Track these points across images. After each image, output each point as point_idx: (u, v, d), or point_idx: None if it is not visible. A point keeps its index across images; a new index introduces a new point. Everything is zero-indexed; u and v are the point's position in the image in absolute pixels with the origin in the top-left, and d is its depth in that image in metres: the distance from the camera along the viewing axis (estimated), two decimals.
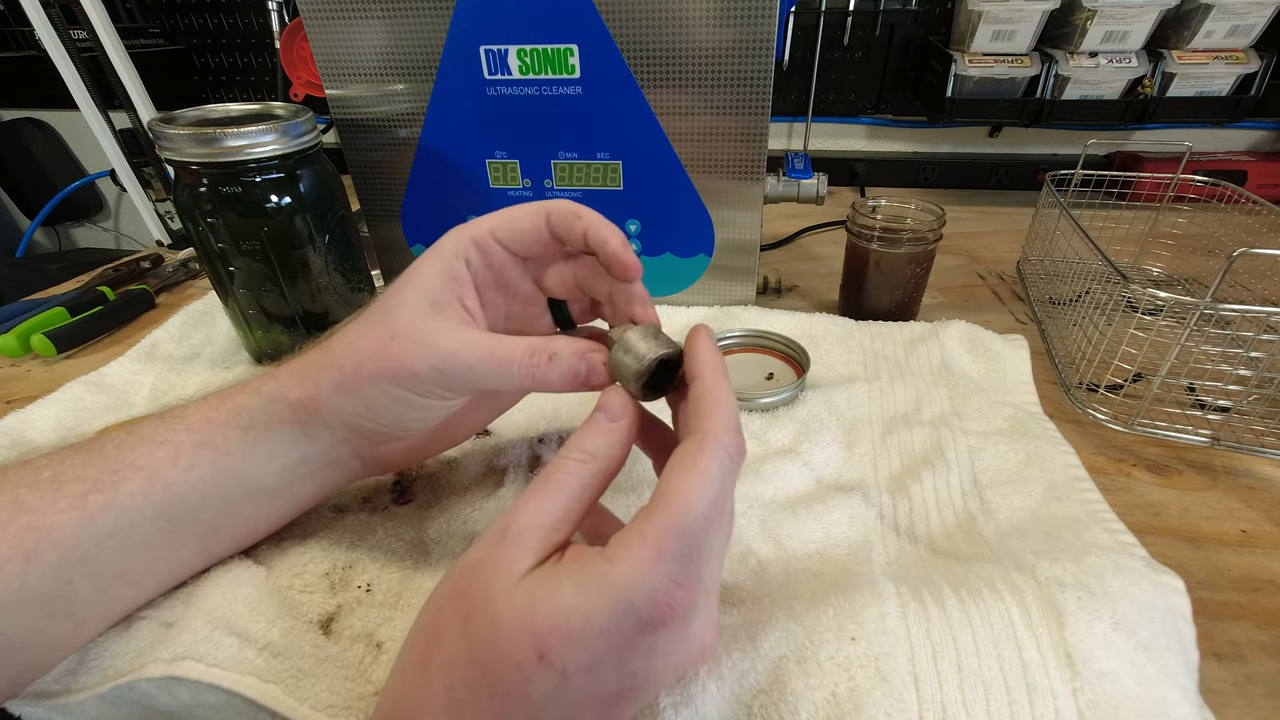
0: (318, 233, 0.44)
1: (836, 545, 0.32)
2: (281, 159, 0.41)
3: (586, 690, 0.18)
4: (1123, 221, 0.59)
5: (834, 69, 0.87)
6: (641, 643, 0.18)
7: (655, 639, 0.18)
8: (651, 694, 0.21)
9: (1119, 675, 0.23)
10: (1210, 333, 0.45)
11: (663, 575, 0.18)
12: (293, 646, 0.25)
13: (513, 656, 0.18)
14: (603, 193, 0.51)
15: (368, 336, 0.26)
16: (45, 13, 0.60)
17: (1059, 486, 0.34)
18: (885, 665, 0.23)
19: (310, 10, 0.46)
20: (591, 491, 0.21)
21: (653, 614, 0.18)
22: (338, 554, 0.31)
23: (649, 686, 0.20)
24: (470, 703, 0.18)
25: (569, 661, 0.18)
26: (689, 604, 0.19)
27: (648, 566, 0.18)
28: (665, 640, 0.19)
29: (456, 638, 0.19)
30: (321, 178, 0.44)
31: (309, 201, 0.43)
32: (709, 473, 0.19)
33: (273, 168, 0.41)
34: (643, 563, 0.18)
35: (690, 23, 0.43)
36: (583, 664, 0.18)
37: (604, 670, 0.18)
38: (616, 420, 0.23)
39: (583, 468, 0.21)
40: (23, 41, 0.99)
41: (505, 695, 0.18)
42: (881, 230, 0.49)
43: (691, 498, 0.19)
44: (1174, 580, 0.27)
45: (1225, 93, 0.73)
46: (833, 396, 0.42)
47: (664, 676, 0.20)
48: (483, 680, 0.18)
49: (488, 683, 0.18)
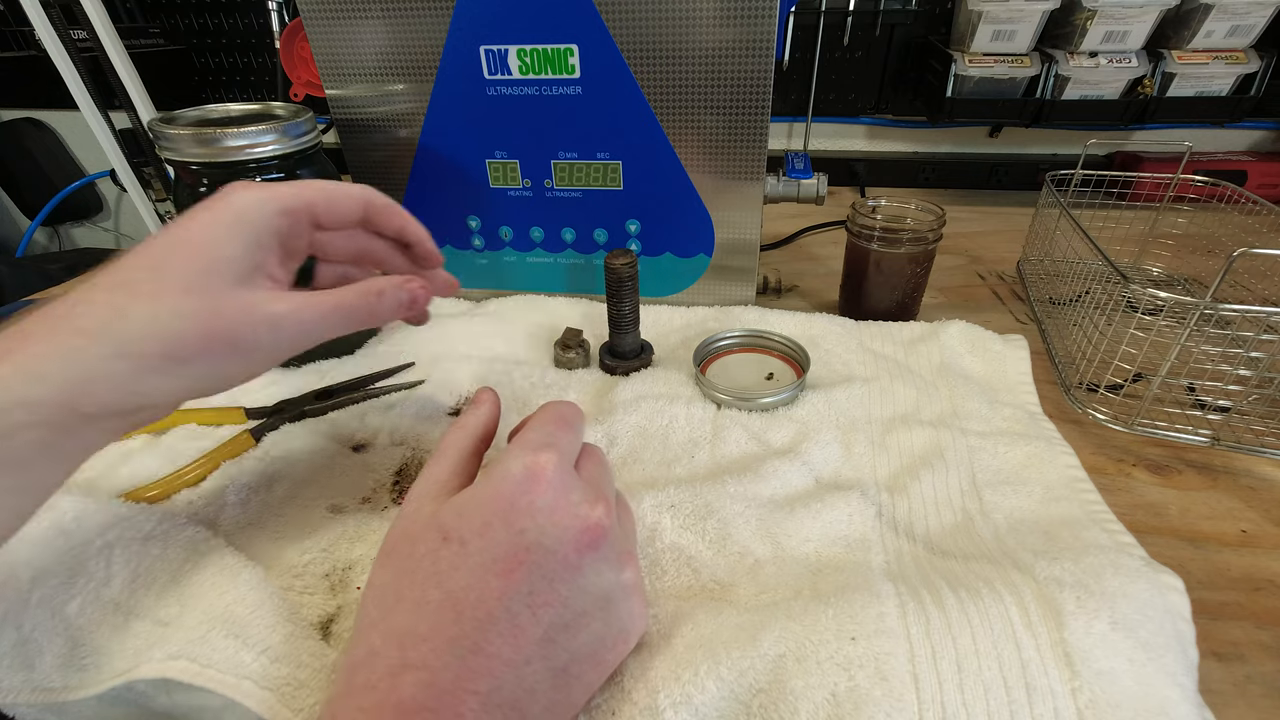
0: None
1: (834, 544, 0.32)
2: (282, 159, 0.41)
3: (484, 553, 0.21)
4: (1123, 221, 0.59)
5: (834, 69, 0.87)
6: (522, 501, 0.22)
7: (533, 498, 0.22)
8: (550, 562, 0.21)
9: (1118, 674, 0.23)
10: (1210, 333, 0.45)
11: (529, 448, 0.23)
12: (291, 653, 0.25)
13: (427, 548, 0.21)
14: (603, 193, 0.51)
15: (179, 314, 0.22)
16: (45, 13, 0.60)
17: (1058, 487, 0.34)
18: (885, 665, 0.23)
19: (310, 10, 0.47)
20: (467, 452, 0.27)
21: (524, 476, 0.22)
22: (337, 555, 0.31)
23: (542, 549, 0.21)
24: (409, 599, 0.21)
25: (465, 530, 0.21)
26: (556, 471, 0.23)
27: (515, 452, 0.23)
28: (543, 499, 0.22)
29: (385, 564, 0.23)
30: (322, 178, 0.44)
31: None
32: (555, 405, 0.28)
33: (273, 168, 0.41)
34: (512, 450, 0.24)
35: (690, 23, 0.43)
36: (475, 529, 0.21)
37: (494, 531, 0.21)
38: (480, 405, 0.29)
39: (458, 435, 0.27)
40: (23, 41, 0.99)
41: (425, 577, 0.21)
42: (881, 230, 0.49)
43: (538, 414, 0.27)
44: (1173, 579, 0.27)
45: (1225, 93, 0.73)
46: (833, 396, 0.42)
47: (559, 542, 0.21)
48: (408, 578, 0.21)
49: (410, 575, 0.21)
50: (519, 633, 0.20)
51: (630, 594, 0.23)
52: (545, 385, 0.44)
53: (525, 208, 0.53)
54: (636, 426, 0.39)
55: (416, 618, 0.20)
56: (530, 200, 0.53)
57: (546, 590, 0.20)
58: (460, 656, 0.19)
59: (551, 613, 0.20)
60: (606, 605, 0.22)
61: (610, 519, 0.23)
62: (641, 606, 0.24)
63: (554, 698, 0.20)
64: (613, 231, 0.53)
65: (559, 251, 0.55)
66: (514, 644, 0.19)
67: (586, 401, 0.43)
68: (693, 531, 0.32)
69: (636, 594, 0.24)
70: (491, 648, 0.19)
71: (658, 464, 0.37)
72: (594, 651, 0.22)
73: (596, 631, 0.22)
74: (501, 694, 0.19)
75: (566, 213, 0.53)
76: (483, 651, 0.19)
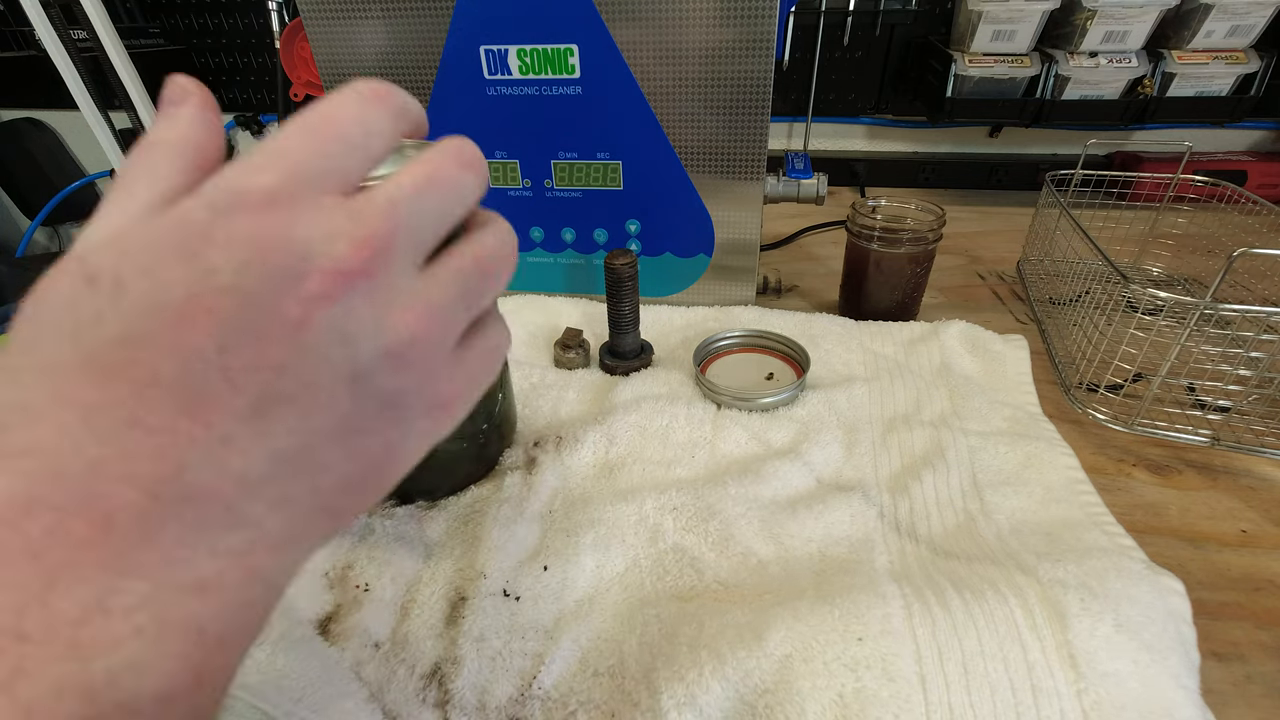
0: None
1: (837, 544, 0.32)
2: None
3: (148, 297, 0.14)
4: (1123, 221, 0.59)
5: (834, 69, 0.87)
6: (219, 231, 0.14)
7: (235, 226, 0.14)
8: (253, 314, 0.14)
9: (1123, 676, 0.23)
10: (1210, 333, 0.45)
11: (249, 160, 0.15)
12: (290, 646, 0.25)
13: (63, 296, 0.14)
14: (603, 193, 0.51)
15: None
16: (45, 13, 0.60)
17: (1058, 488, 0.34)
18: (892, 666, 0.23)
19: (310, 10, 0.46)
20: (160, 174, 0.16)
21: (228, 196, 0.14)
22: (337, 554, 0.31)
23: (240, 295, 0.14)
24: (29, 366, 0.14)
25: (124, 269, 0.14)
26: (282, 186, 0.15)
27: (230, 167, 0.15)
28: (250, 227, 0.14)
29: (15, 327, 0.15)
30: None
31: None
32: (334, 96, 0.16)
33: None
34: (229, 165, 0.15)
35: (690, 23, 0.43)
36: (139, 267, 0.14)
37: (167, 268, 0.14)
38: (180, 105, 0.18)
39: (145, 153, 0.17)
40: (23, 41, 0.99)
41: (55, 334, 0.14)
42: (881, 230, 0.49)
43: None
44: (1174, 583, 0.27)
45: (1225, 93, 0.73)
46: (833, 396, 0.42)
47: (269, 286, 0.14)
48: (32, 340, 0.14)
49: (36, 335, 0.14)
50: (206, 402, 0.14)
51: (402, 362, 0.16)
52: (545, 385, 0.44)
53: (525, 208, 0.53)
54: (636, 426, 0.39)
55: (35, 389, 0.13)
56: (530, 200, 0.53)
57: (249, 350, 0.14)
58: (104, 433, 0.13)
59: (260, 379, 0.14)
60: (360, 380, 0.15)
61: (380, 262, 0.15)
62: (447, 372, 0.17)
63: (289, 490, 0.15)
64: (613, 231, 0.53)
65: (559, 251, 0.55)
66: (199, 417, 0.14)
67: (586, 401, 0.43)
68: (695, 533, 0.32)
69: (419, 357, 0.16)
70: (158, 419, 0.13)
71: (658, 464, 0.37)
72: (349, 439, 0.16)
73: (345, 412, 0.15)
74: (186, 482, 0.13)
75: (566, 213, 0.53)
76: (143, 425, 0.13)
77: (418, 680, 0.26)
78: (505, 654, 0.27)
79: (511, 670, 0.26)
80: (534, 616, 0.28)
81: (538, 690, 0.26)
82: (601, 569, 0.31)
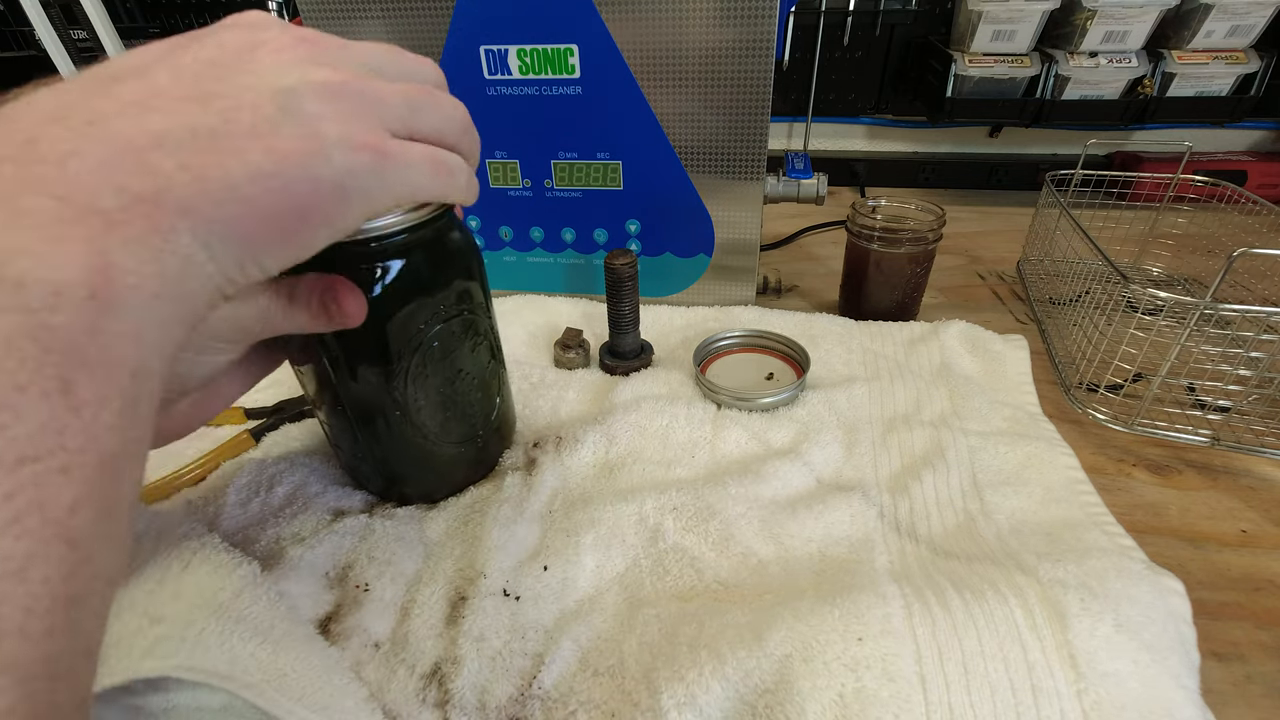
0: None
1: (837, 544, 0.32)
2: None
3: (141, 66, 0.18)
4: (1123, 221, 0.59)
5: (834, 69, 0.87)
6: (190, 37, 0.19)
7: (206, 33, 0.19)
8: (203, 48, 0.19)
9: (1123, 677, 0.23)
10: (1210, 333, 0.45)
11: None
12: (289, 646, 0.25)
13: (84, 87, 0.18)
14: (603, 193, 0.51)
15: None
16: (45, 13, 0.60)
17: (1058, 488, 0.34)
18: (892, 666, 0.23)
19: (310, 10, 0.46)
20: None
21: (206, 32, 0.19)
22: (338, 554, 0.31)
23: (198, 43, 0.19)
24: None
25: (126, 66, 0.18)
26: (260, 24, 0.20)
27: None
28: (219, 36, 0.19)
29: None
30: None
31: None
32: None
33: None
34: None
35: (690, 23, 0.43)
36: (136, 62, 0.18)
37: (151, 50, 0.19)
38: None
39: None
40: (23, 41, 0.99)
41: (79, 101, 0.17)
42: (881, 230, 0.49)
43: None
44: (1174, 583, 0.27)
45: (1225, 93, 0.73)
46: (833, 396, 0.42)
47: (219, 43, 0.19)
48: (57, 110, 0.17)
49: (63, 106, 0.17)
50: (154, 86, 0.17)
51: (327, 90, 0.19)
52: (545, 385, 0.44)
53: (525, 208, 0.53)
54: (636, 426, 0.39)
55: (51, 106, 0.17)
56: (530, 200, 0.53)
57: (202, 65, 0.18)
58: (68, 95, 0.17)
59: (201, 83, 0.18)
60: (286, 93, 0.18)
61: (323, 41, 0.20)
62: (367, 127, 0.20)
63: (195, 159, 0.17)
64: (613, 231, 0.53)
65: (559, 251, 0.55)
66: (141, 92, 0.17)
67: (586, 401, 0.43)
68: (695, 533, 0.32)
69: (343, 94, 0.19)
70: (113, 91, 0.17)
71: (658, 464, 0.37)
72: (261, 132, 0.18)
73: (266, 114, 0.18)
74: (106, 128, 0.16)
75: (566, 213, 0.53)
76: (99, 94, 0.17)
77: (418, 680, 0.26)
78: (505, 654, 0.27)
79: (511, 670, 0.26)
80: (534, 616, 0.28)
81: (538, 690, 0.26)
82: (602, 569, 0.31)
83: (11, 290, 0.13)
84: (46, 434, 0.13)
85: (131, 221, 0.15)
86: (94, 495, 0.14)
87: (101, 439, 0.15)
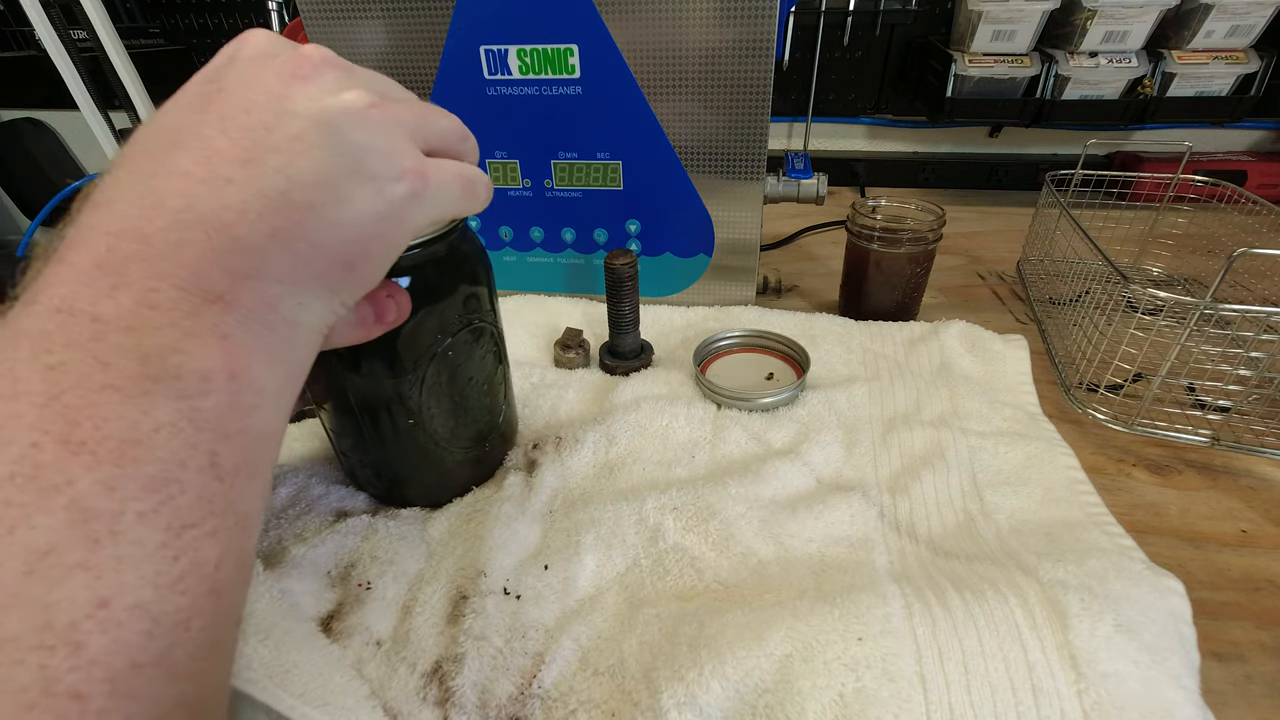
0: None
1: (837, 544, 0.32)
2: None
3: (179, 100, 0.20)
4: (1123, 221, 0.59)
5: (834, 69, 0.87)
6: (221, 62, 0.20)
7: (230, 54, 0.20)
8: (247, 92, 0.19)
9: (1123, 677, 0.23)
10: (1210, 333, 0.45)
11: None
12: (291, 643, 0.25)
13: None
14: (603, 193, 0.51)
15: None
16: (45, 13, 0.60)
17: (1058, 488, 0.35)
18: (892, 666, 0.23)
19: (310, 10, 0.46)
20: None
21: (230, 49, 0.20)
22: (340, 553, 0.31)
23: (239, 83, 0.20)
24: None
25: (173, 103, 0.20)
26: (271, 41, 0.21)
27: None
28: (248, 51, 0.20)
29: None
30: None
31: None
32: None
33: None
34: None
35: (690, 23, 0.43)
36: (176, 99, 0.20)
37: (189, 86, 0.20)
38: None
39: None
40: (23, 41, 0.99)
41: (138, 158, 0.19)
42: (881, 230, 0.49)
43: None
44: (1174, 583, 0.27)
45: (1225, 93, 0.73)
46: (833, 396, 0.42)
47: (257, 77, 0.20)
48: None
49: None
50: (211, 152, 0.18)
51: (364, 120, 0.20)
52: (545, 385, 0.44)
53: (525, 208, 0.53)
54: (636, 426, 0.39)
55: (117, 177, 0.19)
56: (530, 200, 0.53)
57: (243, 116, 0.19)
58: (143, 178, 0.18)
59: (252, 136, 0.18)
60: (328, 129, 0.19)
61: (342, 66, 0.21)
62: (407, 148, 0.21)
63: (277, 223, 0.18)
64: (613, 231, 0.53)
65: (559, 251, 0.55)
66: (204, 162, 0.18)
67: (586, 401, 0.43)
68: (695, 533, 0.32)
69: (377, 120, 0.20)
70: (178, 166, 0.18)
71: (658, 464, 0.37)
72: (321, 180, 0.19)
73: (322, 163, 0.19)
74: (196, 211, 0.17)
75: (566, 213, 0.53)
76: (166, 171, 0.18)
77: (419, 678, 0.26)
78: (506, 652, 0.27)
79: (512, 669, 0.26)
80: (535, 615, 0.28)
81: (538, 689, 0.26)
82: (602, 568, 0.31)
83: (172, 382, 0.16)
84: (201, 502, 0.16)
85: (241, 299, 0.18)
86: (233, 550, 0.17)
87: (237, 502, 0.17)
